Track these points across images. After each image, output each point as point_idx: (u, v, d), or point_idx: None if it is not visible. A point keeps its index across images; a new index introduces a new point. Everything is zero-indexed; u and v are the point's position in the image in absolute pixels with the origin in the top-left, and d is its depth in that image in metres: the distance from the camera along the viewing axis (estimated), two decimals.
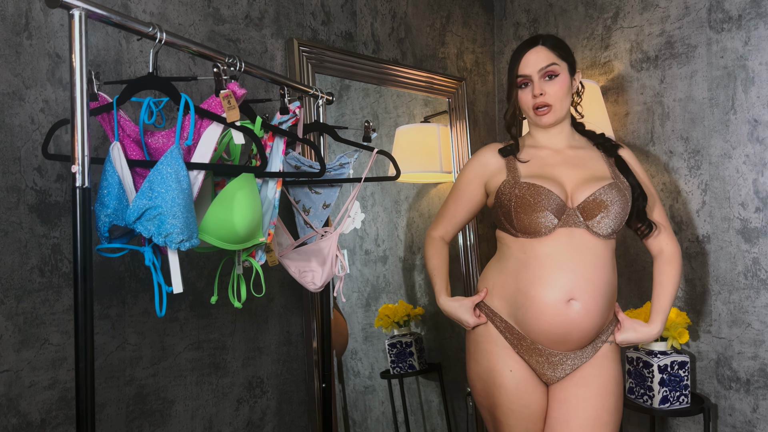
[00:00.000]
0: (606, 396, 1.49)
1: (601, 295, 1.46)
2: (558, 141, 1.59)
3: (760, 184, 1.84)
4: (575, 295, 1.44)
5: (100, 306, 1.46)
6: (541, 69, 1.51)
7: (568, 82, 1.54)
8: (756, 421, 1.85)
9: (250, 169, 1.32)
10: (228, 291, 1.42)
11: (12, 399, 1.32)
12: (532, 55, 1.53)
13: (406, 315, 2.15)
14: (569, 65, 1.55)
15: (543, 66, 1.51)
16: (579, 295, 1.44)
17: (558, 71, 1.52)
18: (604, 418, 1.46)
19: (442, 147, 2.34)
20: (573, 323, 1.44)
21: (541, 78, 1.52)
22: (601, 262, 1.47)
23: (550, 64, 1.51)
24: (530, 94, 1.53)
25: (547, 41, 1.54)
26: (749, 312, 1.86)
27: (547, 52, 1.52)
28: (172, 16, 1.62)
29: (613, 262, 1.51)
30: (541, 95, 1.51)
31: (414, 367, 2.15)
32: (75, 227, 1.02)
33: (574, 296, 1.43)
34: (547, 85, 1.52)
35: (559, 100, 1.52)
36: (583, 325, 1.45)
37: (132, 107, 1.48)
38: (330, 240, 1.60)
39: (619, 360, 1.55)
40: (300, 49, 1.87)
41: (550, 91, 1.51)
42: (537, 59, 1.52)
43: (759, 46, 1.84)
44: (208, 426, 1.67)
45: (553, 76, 1.52)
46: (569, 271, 1.44)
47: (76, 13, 1.02)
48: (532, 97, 1.53)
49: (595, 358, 1.51)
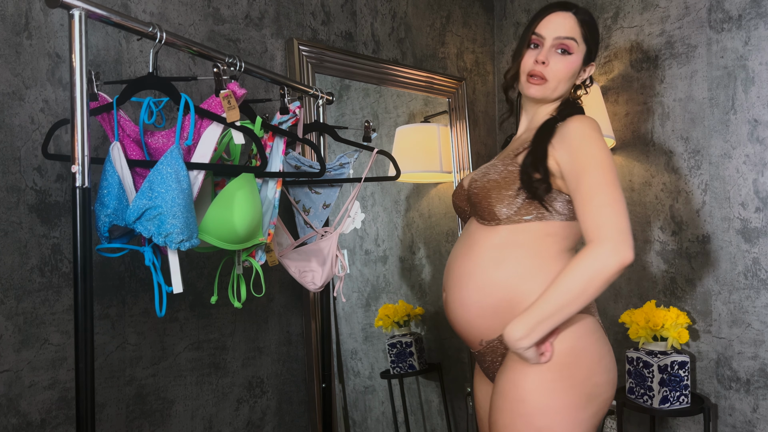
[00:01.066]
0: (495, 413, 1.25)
1: (474, 288, 1.28)
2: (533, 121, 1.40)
3: (760, 184, 1.84)
4: (445, 287, 1.36)
5: (100, 306, 1.46)
6: (558, 37, 1.32)
7: (577, 67, 1.34)
8: (756, 421, 1.85)
9: (250, 169, 1.32)
10: (228, 291, 1.42)
11: (12, 399, 1.32)
12: (557, 17, 1.33)
13: (406, 315, 2.15)
14: (588, 50, 1.35)
15: (561, 35, 1.32)
16: (448, 287, 1.35)
17: (573, 49, 1.32)
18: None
19: (442, 147, 2.34)
20: (449, 316, 1.35)
21: (553, 47, 1.33)
22: (475, 251, 1.29)
23: (569, 38, 1.32)
24: (533, 57, 1.34)
25: (580, 13, 1.35)
26: (749, 312, 1.86)
27: (574, 24, 1.33)
28: (172, 16, 1.62)
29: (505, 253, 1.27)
30: (543, 63, 1.32)
31: (414, 367, 2.15)
32: (75, 227, 1.02)
33: (445, 287, 1.37)
34: (555, 58, 1.33)
35: (557, 80, 1.33)
36: (454, 319, 1.34)
37: (132, 107, 1.48)
38: (330, 240, 1.60)
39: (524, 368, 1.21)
40: (300, 49, 1.87)
41: (555, 66, 1.32)
42: (559, 25, 1.32)
43: (759, 46, 1.84)
44: (208, 426, 1.67)
45: (566, 52, 1.33)
46: (449, 262, 1.37)
47: (76, 13, 1.02)
48: (534, 61, 1.34)
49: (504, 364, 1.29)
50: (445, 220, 2.36)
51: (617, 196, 1.16)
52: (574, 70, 1.34)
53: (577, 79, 1.38)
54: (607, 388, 1.25)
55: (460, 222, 1.34)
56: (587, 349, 1.23)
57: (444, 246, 2.35)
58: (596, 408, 1.23)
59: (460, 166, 2.37)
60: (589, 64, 1.38)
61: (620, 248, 1.12)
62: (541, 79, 1.33)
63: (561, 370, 1.20)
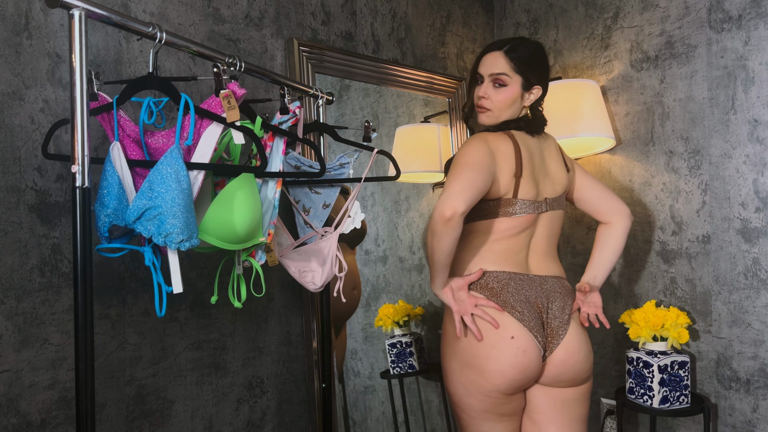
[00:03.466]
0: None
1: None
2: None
3: (760, 184, 1.84)
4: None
5: (100, 306, 1.46)
6: (492, 74, 1.57)
7: (515, 95, 1.58)
8: (756, 421, 1.85)
9: (250, 169, 1.32)
10: (228, 291, 1.42)
11: (12, 399, 1.32)
12: (489, 58, 1.59)
13: (406, 315, 2.15)
14: (524, 79, 1.57)
15: (494, 72, 1.57)
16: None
17: (507, 82, 1.56)
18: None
19: (442, 147, 2.34)
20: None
21: (490, 82, 1.58)
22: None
23: (500, 74, 1.56)
24: (478, 92, 1.61)
25: (511, 51, 1.57)
26: (749, 312, 1.86)
27: (504, 62, 1.57)
28: (172, 16, 1.62)
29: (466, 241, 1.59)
30: (483, 98, 1.59)
31: (414, 367, 2.15)
32: (75, 227, 1.02)
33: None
34: (493, 91, 1.58)
35: (499, 108, 1.58)
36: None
37: (132, 107, 1.48)
38: (330, 240, 1.61)
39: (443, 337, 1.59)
40: (300, 49, 1.87)
41: (494, 98, 1.58)
42: (491, 64, 1.58)
43: (759, 46, 1.84)
44: (208, 426, 1.67)
45: (501, 85, 1.57)
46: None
47: (76, 13, 1.02)
48: (478, 96, 1.61)
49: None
50: None
51: (456, 175, 1.44)
52: (512, 98, 1.58)
53: (524, 101, 1.61)
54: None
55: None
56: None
57: None
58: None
59: None
60: (532, 88, 1.60)
61: (438, 203, 1.42)
62: (485, 109, 1.60)
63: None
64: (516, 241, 1.57)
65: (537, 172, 1.58)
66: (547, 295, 1.56)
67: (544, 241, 1.62)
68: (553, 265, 1.64)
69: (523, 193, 1.55)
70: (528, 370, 1.49)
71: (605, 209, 1.74)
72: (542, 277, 1.58)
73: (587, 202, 1.76)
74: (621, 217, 1.73)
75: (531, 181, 1.56)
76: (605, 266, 1.73)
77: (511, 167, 1.53)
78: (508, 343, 1.47)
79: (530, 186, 1.56)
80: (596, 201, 1.75)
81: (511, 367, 1.47)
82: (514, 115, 1.61)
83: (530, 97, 1.61)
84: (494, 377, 1.47)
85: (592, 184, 1.75)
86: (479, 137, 1.54)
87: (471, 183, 1.42)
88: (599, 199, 1.74)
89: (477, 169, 1.45)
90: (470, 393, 1.50)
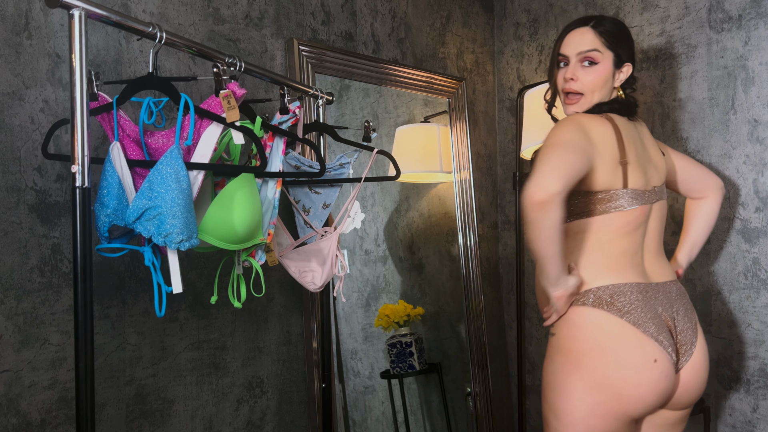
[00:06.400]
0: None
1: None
2: None
3: (760, 184, 1.84)
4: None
5: (100, 306, 1.46)
6: (580, 53, 1.41)
7: (608, 73, 1.41)
8: (756, 421, 1.85)
9: (250, 169, 1.32)
10: (228, 291, 1.42)
11: (12, 399, 1.32)
12: (575, 35, 1.43)
13: (406, 315, 2.15)
14: (615, 55, 1.42)
15: (582, 50, 1.41)
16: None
17: (598, 59, 1.40)
18: None
19: (442, 147, 2.34)
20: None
21: (579, 62, 1.42)
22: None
23: (591, 50, 1.40)
24: (563, 75, 1.45)
25: (599, 25, 1.42)
26: (749, 312, 1.86)
27: (593, 37, 1.41)
28: (172, 16, 1.62)
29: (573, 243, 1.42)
30: (572, 80, 1.42)
31: (414, 367, 2.15)
32: (75, 227, 1.02)
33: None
34: (583, 71, 1.41)
35: (591, 91, 1.42)
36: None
37: (132, 107, 1.48)
38: (330, 240, 1.61)
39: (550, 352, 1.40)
40: (300, 49, 1.87)
41: (584, 78, 1.41)
42: (579, 41, 1.42)
43: (759, 46, 1.84)
44: (208, 426, 1.67)
45: (592, 63, 1.41)
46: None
47: (76, 13, 1.02)
48: (564, 79, 1.44)
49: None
50: (445, 220, 2.36)
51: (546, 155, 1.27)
52: (605, 77, 1.42)
53: (615, 81, 1.44)
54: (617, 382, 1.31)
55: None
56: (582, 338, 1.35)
57: (444, 246, 2.35)
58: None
59: (460, 166, 2.37)
60: (623, 65, 1.44)
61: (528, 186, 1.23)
62: (576, 95, 1.43)
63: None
64: (632, 241, 1.38)
65: (641, 158, 1.40)
66: (672, 305, 1.38)
67: (656, 238, 1.44)
68: (667, 267, 1.46)
69: (633, 182, 1.36)
70: (666, 394, 1.33)
71: (700, 186, 1.62)
72: (664, 284, 1.40)
73: (684, 182, 1.62)
74: (715, 192, 1.62)
75: (639, 168, 1.38)
76: (698, 245, 1.64)
77: (613, 153, 1.34)
78: (651, 367, 1.29)
79: (639, 173, 1.37)
80: (693, 179, 1.62)
81: (653, 393, 1.30)
82: (605, 99, 1.43)
83: (620, 77, 1.44)
84: (633, 402, 1.29)
85: (686, 162, 1.62)
86: (571, 118, 1.37)
87: (564, 161, 1.24)
88: (694, 176, 1.62)
89: (570, 148, 1.27)
90: (597, 415, 1.31)
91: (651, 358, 1.29)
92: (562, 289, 1.32)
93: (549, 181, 1.20)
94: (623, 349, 1.30)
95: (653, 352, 1.30)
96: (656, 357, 1.30)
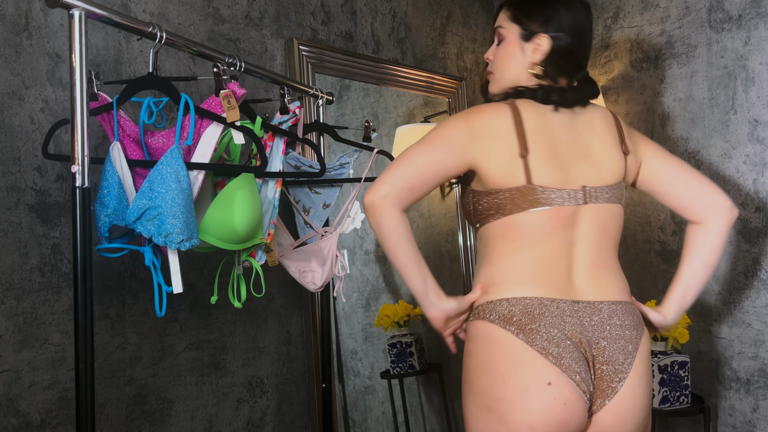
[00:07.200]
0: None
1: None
2: None
3: (760, 184, 1.84)
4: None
5: (100, 306, 1.46)
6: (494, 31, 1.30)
7: (511, 49, 1.25)
8: (756, 421, 1.85)
9: (250, 169, 1.32)
10: (228, 291, 1.42)
11: (12, 399, 1.32)
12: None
13: (406, 315, 2.15)
14: (521, 27, 1.23)
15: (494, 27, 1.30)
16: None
17: (503, 35, 1.27)
18: None
19: None
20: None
21: (496, 43, 1.30)
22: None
23: (497, 27, 1.29)
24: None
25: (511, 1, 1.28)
26: (749, 312, 1.86)
27: (502, 14, 1.29)
28: (172, 16, 1.62)
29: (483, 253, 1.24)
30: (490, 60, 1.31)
31: (414, 367, 2.15)
32: (75, 227, 1.02)
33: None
34: (496, 51, 1.29)
35: (500, 71, 1.27)
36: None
37: (132, 107, 1.48)
38: (330, 240, 1.61)
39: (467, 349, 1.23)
40: (300, 49, 1.87)
41: (495, 58, 1.29)
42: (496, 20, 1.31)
43: (759, 46, 1.84)
44: (208, 426, 1.67)
45: (500, 42, 1.28)
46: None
47: (76, 13, 1.02)
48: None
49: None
50: (445, 220, 2.36)
51: (401, 154, 1.17)
52: (507, 54, 1.26)
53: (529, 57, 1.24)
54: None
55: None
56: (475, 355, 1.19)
57: (444, 246, 2.35)
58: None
59: None
60: (532, 37, 1.23)
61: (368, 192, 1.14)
62: (489, 73, 1.31)
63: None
64: (548, 249, 1.16)
65: (563, 152, 1.18)
66: (596, 329, 1.14)
67: (593, 247, 1.18)
68: (611, 284, 1.20)
69: (540, 178, 1.14)
70: (567, 427, 1.09)
71: (697, 205, 1.28)
72: (593, 304, 1.15)
73: (673, 196, 1.30)
74: (718, 214, 1.26)
75: (551, 163, 1.16)
76: (694, 289, 1.30)
77: (509, 144, 1.15)
78: (542, 390, 1.08)
79: (550, 169, 1.16)
80: (688, 195, 1.28)
81: (544, 422, 1.08)
82: (516, 77, 1.24)
83: (535, 54, 1.22)
84: (519, 430, 1.09)
85: (679, 171, 1.29)
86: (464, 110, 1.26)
87: (408, 161, 1.13)
88: (692, 191, 1.28)
89: (429, 146, 1.15)
90: None
91: (544, 380, 1.08)
92: (435, 310, 1.19)
93: (379, 183, 1.12)
94: (511, 367, 1.11)
95: (547, 373, 1.09)
96: (551, 380, 1.08)
